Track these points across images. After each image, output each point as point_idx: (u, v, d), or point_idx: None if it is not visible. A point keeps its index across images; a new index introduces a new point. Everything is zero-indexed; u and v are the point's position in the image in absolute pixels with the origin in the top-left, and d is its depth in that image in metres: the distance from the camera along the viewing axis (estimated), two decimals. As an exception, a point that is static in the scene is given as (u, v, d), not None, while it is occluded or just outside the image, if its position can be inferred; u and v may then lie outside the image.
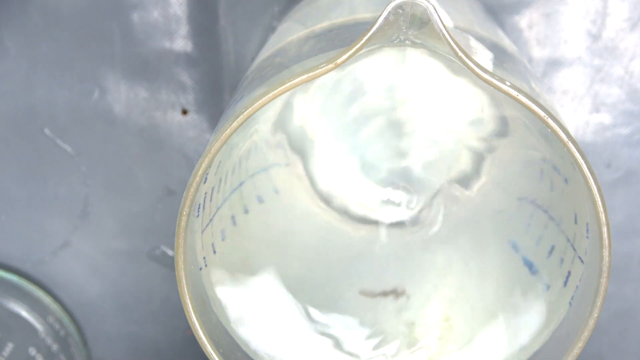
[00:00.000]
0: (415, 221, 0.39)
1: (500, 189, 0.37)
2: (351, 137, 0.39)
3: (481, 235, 0.38)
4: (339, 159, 0.39)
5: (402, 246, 0.39)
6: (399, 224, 0.39)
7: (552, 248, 0.34)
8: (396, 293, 0.38)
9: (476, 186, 0.38)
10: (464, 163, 0.39)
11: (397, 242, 0.39)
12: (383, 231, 0.40)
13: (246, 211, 0.36)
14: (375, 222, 0.40)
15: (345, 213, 0.40)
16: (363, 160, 0.39)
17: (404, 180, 0.39)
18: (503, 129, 0.38)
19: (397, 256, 0.39)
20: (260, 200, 0.37)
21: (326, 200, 0.39)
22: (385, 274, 0.38)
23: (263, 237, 0.37)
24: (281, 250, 0.37)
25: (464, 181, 0.39)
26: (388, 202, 0.40)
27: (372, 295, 0.38)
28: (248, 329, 0.35)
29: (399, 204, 0.40)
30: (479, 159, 0.38)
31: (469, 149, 0.38)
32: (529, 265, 0.35)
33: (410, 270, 0.38)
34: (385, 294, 0.38)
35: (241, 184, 0.36)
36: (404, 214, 0.40)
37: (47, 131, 0.44)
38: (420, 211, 0.39)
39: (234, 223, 0.35)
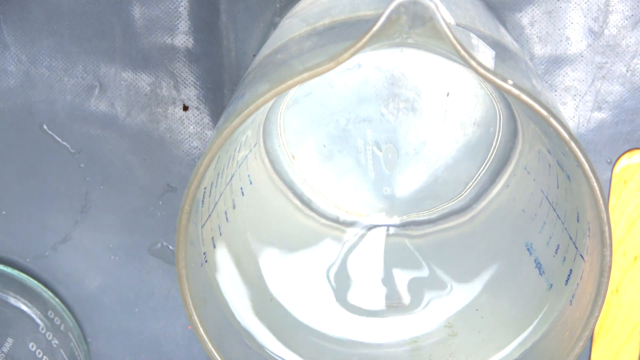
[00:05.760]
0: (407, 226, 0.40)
1: (521, 188, 0.37)
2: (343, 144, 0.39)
3: (499, 240, 0.38)
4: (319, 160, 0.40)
5: (398, 252, 0.39)
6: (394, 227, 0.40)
7: (558, 247, 0.34)
8: (399, 304, 0.38)
9: (490, 196, 0.39)
10: (480, 167, 0.39)
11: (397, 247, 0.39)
12: (382, 235, 0.40)
13: (234, 206, 0.36)
14: (365, 226, 0.40)
15: (323, 215, 0.40)
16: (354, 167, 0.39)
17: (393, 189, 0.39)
18: (513, 122, 0.38)
19: (398, 262, 0.39)
20: (242, 193, 0.37)
21: (297, 195, 0.40)
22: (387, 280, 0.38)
23: (249, 236, 0.37)
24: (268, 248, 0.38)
25: (479, 187, 0.39)
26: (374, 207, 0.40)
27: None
28: (251, 320, 0.35)
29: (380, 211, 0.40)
30: (498, 158, 0.38)
31: (478, 147, 0.38)
32: (539, 267, 0.35)
33: (411, 277, 0.38)
34: (391, 305, 0.38)
35: (232, 176, 0.36)
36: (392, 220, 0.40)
37: (46, 127, 0.44)
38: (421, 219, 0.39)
39: (227, 219, 0.36)
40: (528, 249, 0.36)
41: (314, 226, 0.40)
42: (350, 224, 0.40)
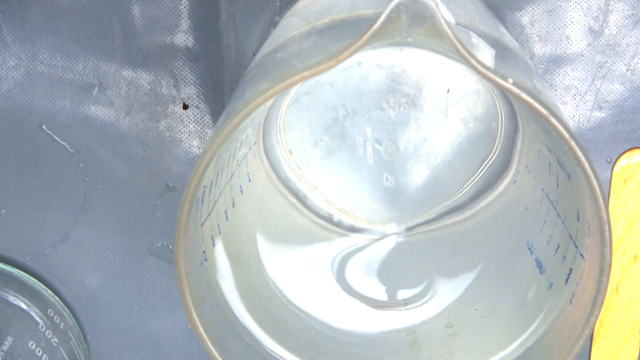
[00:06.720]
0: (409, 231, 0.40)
1: (523, 187, 0.37)
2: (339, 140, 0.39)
3: (500, 239, 0.38)
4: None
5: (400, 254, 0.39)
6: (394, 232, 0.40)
7: (558, 246, 0.34)
8: (401, 302, 0.38)
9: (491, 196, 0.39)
10: (482, 165, 0.39)
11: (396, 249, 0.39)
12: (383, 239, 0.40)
13: (233, 204, 0.36)
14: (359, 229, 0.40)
15: (320, 215, 0.40)
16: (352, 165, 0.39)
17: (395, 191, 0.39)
18: (514, 120, 0.38)
19: (395, 262, 0.39)
20: (241, 191, 0.37)
21: (296, 195, 0.40)
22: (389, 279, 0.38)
23: (249, 234, 0.37)
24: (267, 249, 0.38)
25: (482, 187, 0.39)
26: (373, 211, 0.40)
27: (380, 307, 0.38)
28: (250, 319, 0.35)
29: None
30: (501, 157, 0.38)
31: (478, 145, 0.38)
32: (539, 266, 0.35)
33: (411, 276, 0.38)
34: (391, 305, 0.38)
35: (232, 175, 0.36)
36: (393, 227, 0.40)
37: (45, 127, 0.44)
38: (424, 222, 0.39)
39: (227, 218, 0.36)
40: (529, 248, 0.36)
41: (311, 224, 0.40)
42: (349, 222, 0.40)
